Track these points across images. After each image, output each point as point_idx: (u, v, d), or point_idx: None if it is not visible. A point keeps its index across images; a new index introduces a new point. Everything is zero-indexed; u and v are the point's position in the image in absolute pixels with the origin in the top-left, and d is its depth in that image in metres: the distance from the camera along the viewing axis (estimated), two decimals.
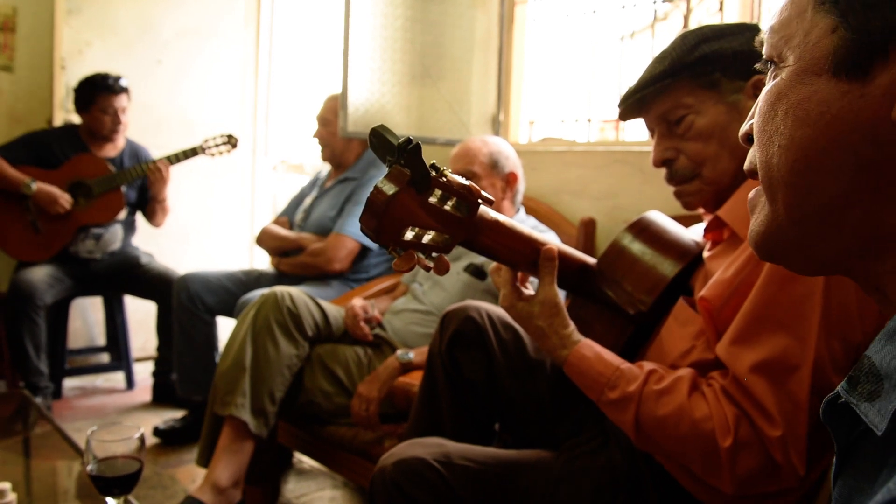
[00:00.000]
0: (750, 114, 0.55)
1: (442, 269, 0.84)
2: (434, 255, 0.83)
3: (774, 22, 0.50)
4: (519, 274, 1.12)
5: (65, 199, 2.72)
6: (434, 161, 0.78)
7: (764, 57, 0.52)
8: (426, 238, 0.81)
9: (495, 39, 2.64)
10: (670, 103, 1.13)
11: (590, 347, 1.08)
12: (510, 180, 2.05)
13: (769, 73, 0.51)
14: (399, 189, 0.74)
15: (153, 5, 3.41)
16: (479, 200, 0.84)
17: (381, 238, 0.76)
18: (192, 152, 2.89)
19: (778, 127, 0.48)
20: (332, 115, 2.61)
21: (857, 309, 0.92)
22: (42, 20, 3.18)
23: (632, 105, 1.17)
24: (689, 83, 1.11)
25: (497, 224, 0.92)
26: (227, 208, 3.80)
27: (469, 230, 0.85)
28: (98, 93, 2.79)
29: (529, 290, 1.13)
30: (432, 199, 0.79)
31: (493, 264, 1.14)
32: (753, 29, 1.12)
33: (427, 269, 0.82)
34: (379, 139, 0.75)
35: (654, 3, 2.37)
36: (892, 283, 0.46)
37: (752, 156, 0.53)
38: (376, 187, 0.74)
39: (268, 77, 3.88)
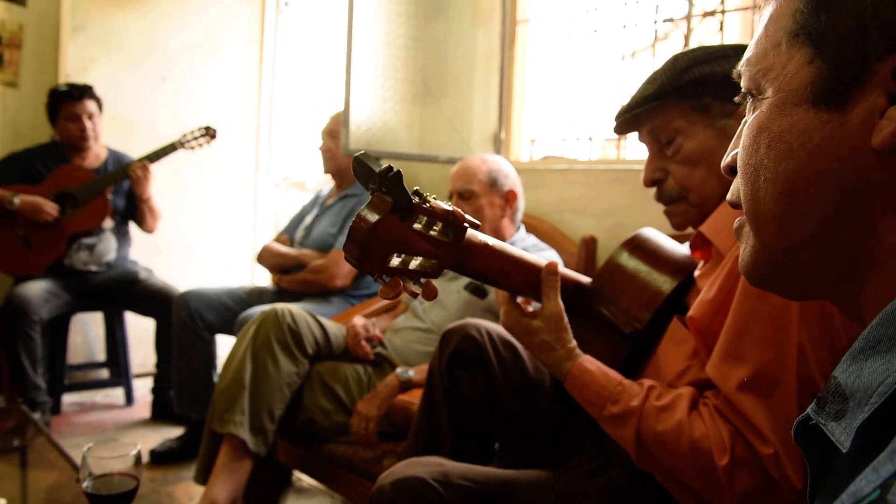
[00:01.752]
0: (731, 145, 0.55)
1: (430, 294, 0.83)
2: (422, 280, 0.82)
3: (750, 55, 0.51)
4: None
5: (50, 206, 2.72)
6: (417, 187, 0.78)
7: (742, 89, 0.52)
8: (413, 264, 0.80)
9: (497, 58, 2.66)
10: (661, 123, 1.14)
11: (592, 361, 1.07)
12: (509, 198, 2.05)
13: (749, 106, 0.52)
14: (381, 217, 0.73)
15: (158, 22, 3.44)
16: (465, 224, 0.83)
17: (365, 266, 0.75)
18: (171, 147, 2.88)
19: (762, 161, 0.48)
20: (339, 128, 2.62)
21: (840, 317, 0.92)
22: (48, 37, 3.20)
23: (626, 121, 1.18)
24: (680, 105, 1.12)
25: (486, 247, 0.92)
26: (229, 225, 3.81)
27: (457, 254, 0.85)
28: (61, 102, 2.82)
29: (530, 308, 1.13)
30: (417, 226, 0.78)
31: None
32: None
33: (414, 295, 0.81)
34: (362, 167, 0.74)
35: (655, 22, 2.39)
36: (870, 314, 0.46)
37: (735, 188, 0.54)
38: (358, 215, 0.74)
39: (271, 94, 3.91)
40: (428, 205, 0.79)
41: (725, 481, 0.93)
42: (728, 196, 0.56)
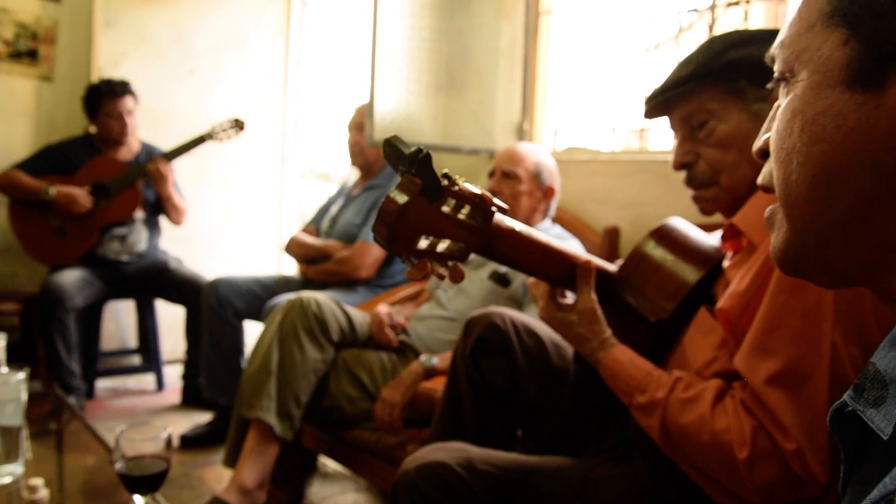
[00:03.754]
0: (763, 128, 0.55)
1: (457, 277, 0.84)
2: (449, 263, 0.83)
3: (784, 37, 0.50)
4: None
5: (84, 197, 2.79)
6: (446, 170, 0.78)
7: (775, 73, 0.52)
8: (441, 247, 0.81)
9: (520, 49, 2.66)
10: (694, 107, 1.12)
11: (624, 352, 1.08)
12: (548, 194, 2.09)
13: (781, 90, 0.51)
14: (410, 198, 0.74)
15: (186, 17, 3.49)
16: (493, 208, 0.84)
17: (394, 247, 0.76)
18: (201, 139, 2.92)
19: (795, 144, 0.48)
20: (365, 120, 2.65)
21: (874, 313, 0.92)
22: (81, 32, 3.28)
23: (657, 105, 1.16)
24: (714, 88, 1.10)
25: (514, 232, 0.92)
26: (256, 215, 3.86)
27: (485, 238, 0.85)
28: (102, 98, 2.88)
29: (568, 300, 1.14)
30: (445, 208, 0.79)
31: (531, 279, 1.15)
32: None
33: (441, 277, 0.82)
34: (392, 149, 0.75)
35: (679, 13, 2.37)
36: None
37: (767, 171, 0.53)
38: (388, 196, 0.75)
39: (297, 86, 3.94)
40: (457, 188, 0.79)
41: (746, 474, 0.93)
42: (759, 179, 0.55)
